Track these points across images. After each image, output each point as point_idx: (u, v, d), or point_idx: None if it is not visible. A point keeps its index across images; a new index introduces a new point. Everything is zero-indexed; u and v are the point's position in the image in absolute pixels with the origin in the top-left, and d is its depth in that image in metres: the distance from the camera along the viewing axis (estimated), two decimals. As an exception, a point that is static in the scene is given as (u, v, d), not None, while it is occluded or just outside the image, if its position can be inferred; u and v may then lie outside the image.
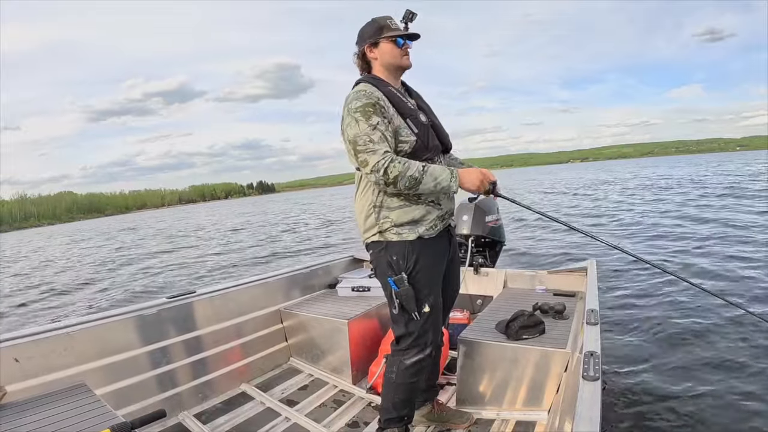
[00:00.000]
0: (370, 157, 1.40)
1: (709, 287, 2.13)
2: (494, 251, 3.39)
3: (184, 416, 2.01)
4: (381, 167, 1.39)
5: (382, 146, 1.41)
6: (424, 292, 1.54)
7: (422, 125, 1.55)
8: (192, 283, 7.73)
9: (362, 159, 1.42)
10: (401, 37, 1.54)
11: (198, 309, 2.23)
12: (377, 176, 1.41)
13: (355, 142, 1.42)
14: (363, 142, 1.41)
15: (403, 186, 1.42)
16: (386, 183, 1.42)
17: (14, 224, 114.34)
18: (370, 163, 1.40)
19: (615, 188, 21.27)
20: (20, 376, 1.60)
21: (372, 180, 1.44)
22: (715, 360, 2.86)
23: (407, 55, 1.58)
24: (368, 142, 1.41)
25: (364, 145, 1.41)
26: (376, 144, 1.40)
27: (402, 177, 1.40)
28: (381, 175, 1.40)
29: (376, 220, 1.54)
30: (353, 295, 2.74)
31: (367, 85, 1.51)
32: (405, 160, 1.43)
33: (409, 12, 1.57)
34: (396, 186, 1.42)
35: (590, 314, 1.65)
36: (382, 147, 1.41)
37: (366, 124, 1.42)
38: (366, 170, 1.43)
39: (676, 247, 6.55)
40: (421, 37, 1.59)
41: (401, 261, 1.52)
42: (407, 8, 1.58)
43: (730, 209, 9.87)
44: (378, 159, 1.39)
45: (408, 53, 1.58)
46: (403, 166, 1.40)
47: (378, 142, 1.41)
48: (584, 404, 1.04)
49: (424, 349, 1.59)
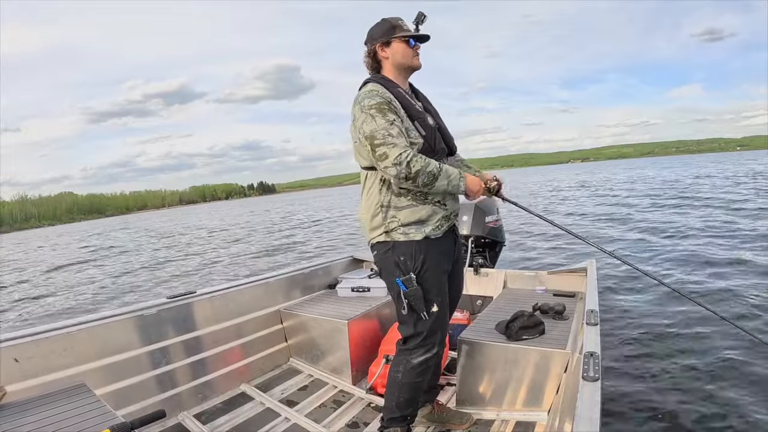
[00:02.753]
0: (391, 150, 1.39)
1: (702, 301, 2.17)
2: (494, 252, 3.39)
3: (183, 416, 2.01)
4: (404, 160, 1.38)
5: (401, 140, 1.42)
6: (433, 292, 1.54)
7: (430, 128, 1.56)
8: (212, 279, 7.75)
9: (382, 152, 1.40)
10: (413, 37, 1.56)
11: (198, 309, 2.23)
12: (399, 169, 1.39)
13: (373, 137, 1.42)
14: (382, 135, 1.40)
15: (421, 182, 1.43)
16: (407, 177, 1.41)
17: (15, 225, 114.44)
18: (390, 156, 1.39)
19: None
20: (20, 376, 1.60)
21: (392, 174, 1.42)
22: (716, 361, 2.86)
23: (417, 55, 1.60)
24: (387, 135, 1.40)
25: (383, 138, 1.40)
26: (395, 138, 1.41)
27: (422, 172, 1.41)
28: (404, 167, 1.39)
29: (383, 220, 1.54)
30: (353, 295, 2.74)
31: (378, 86, 1.52)
32: (425, 157, 1.44)
33: (421, 14, 1.60)
34: (415, 181, 1.42)
35: (590, 315, 1.65)
36: (402, 141, 1.41)
37: (383, 120, 1.42)
38: (386, 163, 1.41)
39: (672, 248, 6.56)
40: (430, 38, 1.61)
41: (409, 261, 1.52)
42: (419, 10, 1.61)
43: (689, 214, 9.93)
44: (400, 151, 1.39)
45: (418, 54, 1.60)
46: (424, 161, 1.42)
47: (397, 136, 1.41)
48: (584, 405, 1.05)
49: (432, 349, 1.60)
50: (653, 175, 30.55)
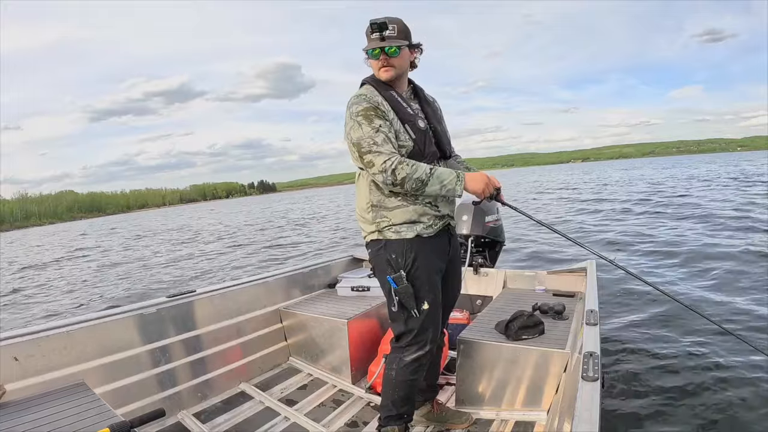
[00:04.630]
0: (376, 158, 1.41)
1: (701, 311, 2.15)
2: (494, 251, 3.39)
3: (183, 415, 2.01)
4: (389, 168, 1.40)
5: (386, 147, 1.42)
6: (424, 290, 1.54)
7: (419, 131, 1.54)
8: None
9: (368, 160, 1.43)
10: (367, 51, 1.50)
11: (197, 308, 2.23)
12: (384, 177, 1.42)
13: (360, 145, 1.44)
14: (367, 144, 1.42)
15: (409, 187, 1.43)
16: (393, 184, 1.43)
17: (15, 223, 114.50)
18: (376, 164, 1.41)
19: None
20: (20, 375, 1.60)
21: (379, 180, 1.45)
22: (716, 361, 2.86)
23: (385, 68, 1.49)
24: (372, 144, 1.42)
25: (369, 147, 1.42)
26: (380, 146, 1.42)
27: (409, 179, 1.41)
28: (389, 175, 1.41)
29: (373, 219, 1.55)
30: (353, 294, 2.74)
31: (369, 89, 1.52)
32: (413, 162, 1.43)
33: (373, 23, 1.44)
34: (403, 187, 1.44)
35: (590, 315, 1.65)
36: (386, 148, 1.42)
37: (369, 127, 1.43)
38: (373, 171, 1.44)
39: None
40: (394, 49, 1.45)
41: (400, 259, 1.52)
42: (370, 19, 1.45)
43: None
44: (384, 159, 1.40)
45: (388, 65, 1.49)
46: (410, 168, 1.41)
47: (382, 143, 1.42)
48: (583, 404, 1.05)
49: (424, 347, 1.59)
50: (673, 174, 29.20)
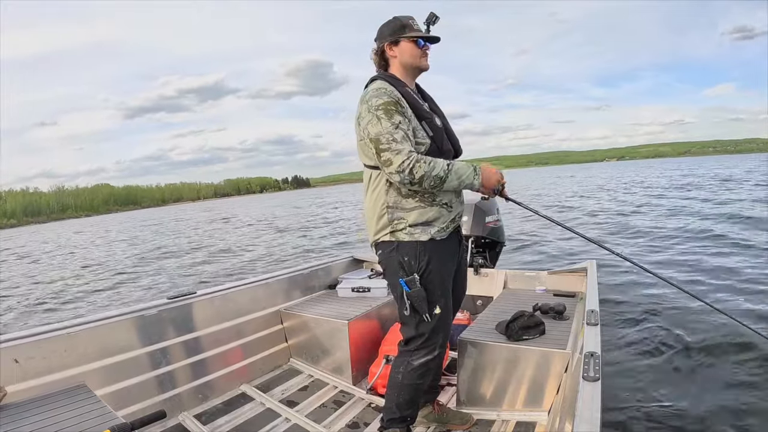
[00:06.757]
0: (395, 156, 1.39)
1: (707, 298, 2.13)
2: (494, 252, 3.39)
3: (184, 417, 2.00)
4: (406, 167, 1.38)
5: (405, 146, 1.40)
6: (436, 294, 1.53)
7: (437, 128, 1.55)
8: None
9: (386, 158, 1.41)
10: (422, 38, 1.55)
11: (198, 310, 2.23)
12: (402, 176, 1.40)
13: (378, 141, 1.41)
14: (386, 140, 1.40)
15: (428, 185, 1.43)
16: (411, 183, 1.41)
17: (52, 215, 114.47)
18: (394, 163, 1.39)
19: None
20: (20, 377, 1.60)
21: (396, 180, 1.43)
22: (716, 361, 2.85)
23: (426, 56, 1.59)
24: (392, 141, 1.40)
25: (388, 144, 1.40)
26: (399, 143, 1.40)
27: (428, 177, 1.40)
28: (407, 174, 1.39)
29: (389, 221, 1.53)
30: (353, 295, 2.73)
31: (386, 84, 1.50)
32: (430, 159, 1.42)
33: (432, 15, 1.58)
34: (421, 185, 1.42)
35: (590, 315, 1.65)
36: (406, 146, 1.40)
37: (389, 122, 1.41)
38: (390, 170, 1.41)
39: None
40: (441, 40, 1.60)
41: (413, 262, 1.51)
42: (431, 11, 1.59)
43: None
44: (403, 159, 1.38)
45: (427, 55, 1.59)
46: (428, 166, 1.40)
47: (401, 141, 1.40)
48: (584, 405, 1.04)
49: (433, 351, 1.59)
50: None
